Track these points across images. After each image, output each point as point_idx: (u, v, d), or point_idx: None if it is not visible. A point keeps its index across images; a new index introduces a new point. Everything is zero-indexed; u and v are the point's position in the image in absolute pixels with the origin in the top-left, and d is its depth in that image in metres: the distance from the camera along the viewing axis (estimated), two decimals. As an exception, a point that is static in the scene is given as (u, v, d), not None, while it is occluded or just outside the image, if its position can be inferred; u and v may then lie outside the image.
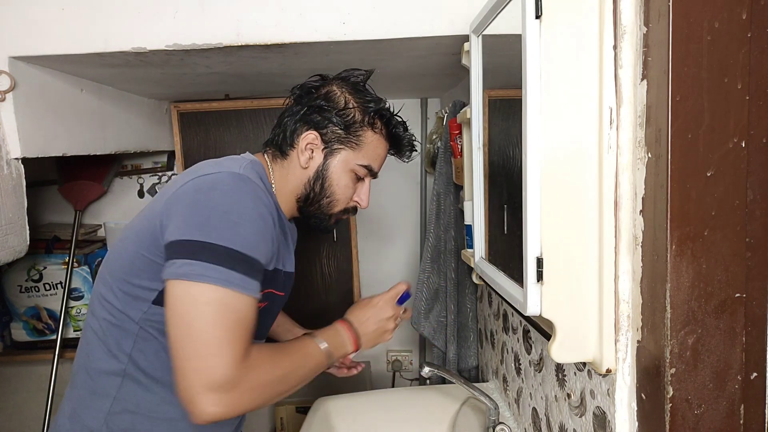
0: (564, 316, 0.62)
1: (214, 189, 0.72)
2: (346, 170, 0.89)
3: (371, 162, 0.90)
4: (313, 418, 1.20)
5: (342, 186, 0.89)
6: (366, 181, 0.92)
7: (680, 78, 0.50)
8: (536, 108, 0.59)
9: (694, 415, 0.53)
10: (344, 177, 0.89)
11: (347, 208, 0.93)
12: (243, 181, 0.75)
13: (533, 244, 0.61)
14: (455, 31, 1.01)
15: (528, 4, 0.58)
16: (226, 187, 0.73)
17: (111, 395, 0.78)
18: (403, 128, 0.94)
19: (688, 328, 0.52)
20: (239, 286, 0.68)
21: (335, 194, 0.89)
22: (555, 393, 0.83)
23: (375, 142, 0.90)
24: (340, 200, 0.90)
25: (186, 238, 0.68)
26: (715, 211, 0.52)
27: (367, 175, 0.91)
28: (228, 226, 0.69)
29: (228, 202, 0.71)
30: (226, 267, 0.67)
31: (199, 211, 0.70)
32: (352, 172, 0.89)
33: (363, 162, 0.89)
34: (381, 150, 0.92)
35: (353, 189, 0.91)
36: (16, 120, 1.02)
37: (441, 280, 1.46)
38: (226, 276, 0.67)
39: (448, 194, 1.41)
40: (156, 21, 1.01)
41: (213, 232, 0.68)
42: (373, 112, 0.89)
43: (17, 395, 1.89)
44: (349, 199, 0.91)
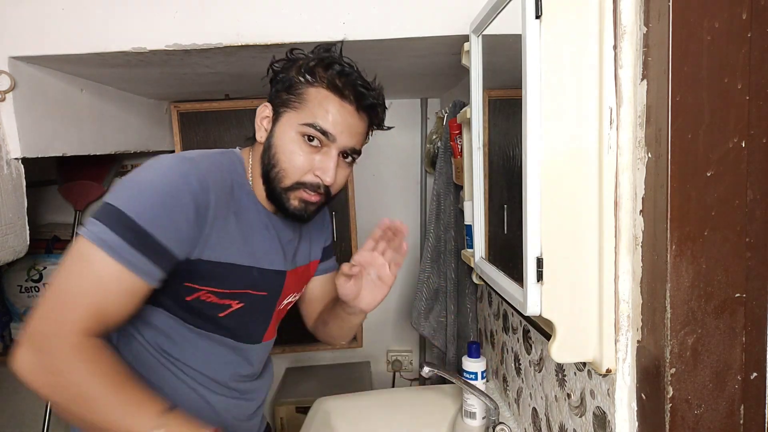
0: (564, 316, 0.62)
1: (148, 166, 0.71)
2: (290, 134, 0.77)
3: (317, 119, 0.75)
4: (313, 418, 1.20)
5: (287, 152, 0.77)
6: (328, 152, 0.77)
7: (680, 78, 0.50)
8: (536, 108, 0.59)
9: (694, 415, 0.53)
10: (289, 142, 0.77)
11: (305, 183, 0.78)
12: (179, 160, 0.72)
13: (533, 244, 0.61)
14: (455, 31, 1.01)
15: (528, 4, 0.58)
16: (157, 164, 0.71)
17: None
18: (344, 67, 0.79)
19: (688, 328, 0.52)
20: (115, 252, 0.64)
21: (281, 162, 0.77)
22: (555, 393, 0.83)
23: (318, 95, 0.77)
24: (287, 170, 0.77)
25: (103, 200, 0.69)
26: (715, 211, 0.52)
27: (321, 139, 0.76)
28: (131, 193, 0.67)
29: (147, 174, 0.70)
30: (108, 227, 0.65)
31: (122, 181, 0.70)
32: (299, 136, 0.76)
33: (307, 120, 0.76)
34: (328, 104, 0.76)
35: (304, 157, 0.77)
36: (16, 120, 1.02)
37: (441, 280, 1.46)
38: (106, 236, 0.64)
39: (448, 194, 1.41)
40: (156, 21, 1.01)
41: (116, 195, 0.67)
42: (313, 62, 0.78)
43: (17, 395, 1.89)
44: (304, 171, 0.77)
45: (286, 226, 0.88)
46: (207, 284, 0.76)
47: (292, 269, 0.90)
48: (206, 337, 0.80)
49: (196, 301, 0.76)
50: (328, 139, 0.76)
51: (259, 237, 0.82)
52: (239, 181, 0.80)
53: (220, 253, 0.75)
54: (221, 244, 0.75)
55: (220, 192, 0.75)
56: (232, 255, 0.77)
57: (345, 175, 0.83)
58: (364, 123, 0.81)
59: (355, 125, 0.79)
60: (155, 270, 0.68)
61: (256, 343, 0.88)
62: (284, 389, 1.92)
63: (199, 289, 0.75)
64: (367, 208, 1.99)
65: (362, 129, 0.81)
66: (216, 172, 0.76)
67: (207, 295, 0.77)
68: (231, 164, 0.81)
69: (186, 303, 0.76)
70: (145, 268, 0.67)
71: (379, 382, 2.11)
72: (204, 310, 0.78)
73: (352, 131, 0.78)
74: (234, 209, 0.78)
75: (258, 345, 0.89)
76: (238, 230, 0.78)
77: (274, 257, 0.84)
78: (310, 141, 0.76)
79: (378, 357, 2.12)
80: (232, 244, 0.77)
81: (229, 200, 0.77)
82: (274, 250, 0.85)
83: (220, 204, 0.74)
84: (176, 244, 0.69)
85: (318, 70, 0.78)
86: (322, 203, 0.82)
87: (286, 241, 0.88)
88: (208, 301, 0.77)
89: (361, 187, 1.98)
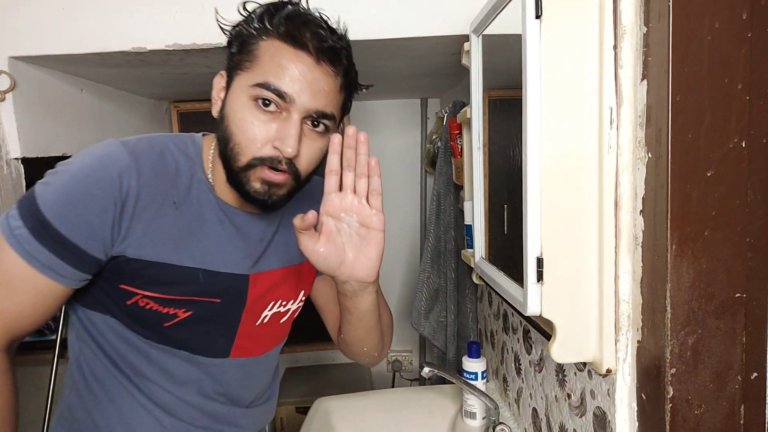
0: (564, 316, 0.62)
1: (81, 152, 0.65)
2: (241, 99, 0.64)
3: (269, 77, 0.62)
4: (313, 418, 1.20)
5: (239, 122, 0.64)
6: (288, 117, 0.64)
7: (680, 78, 0.50)
8: (536, 108, 0.59)
9: (695, 415, 0.53)
10: (241, 109, 0.64)
11: (263, 158, 0.64)
12: (107, 144, 0.64)
13: (533, 244, 0.61)
14: (455, 30, 1.01)
15: (528, 3, 0.58)
16: (86, 150, 0.64)
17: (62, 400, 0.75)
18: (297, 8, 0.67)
19: (689, 328, 0.52)
20: (22, 247, 0.59)
21: (234, 136, 0.64)
22: (555, 393, 0.83)
23: (270, 49, 0.64)
24: (241, 143, 0.64)
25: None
26: (716, 211, 0.52)
27: (277, 102, 0.63)
28: (49, 180, 0.61)
29: (72, 160, 0.63)
30: (23, 221, 0.60)
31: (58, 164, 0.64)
32: (252, 101, 0.64)
33: (257, 80, 0.63)
34: (281, 57, 0.63)
35: (259, 126, 0.63)
36: (16, 120, 1.02)
37: (441, 280, 1.46)
38: (17, 230, 0.59)
39: (448, 194, 1.41)
40: (156, 21, 1.01)
41: (42, 180, 0.62)
42: (262, 13, 0.66)
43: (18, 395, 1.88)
44: (261, 143, 0.64)
45: (255, 220, 0.74)
46: (142, 287, 0.66)
47: (262, 272, 0.76)
48: (159, 348, 0.70)
49: (135, 306, 0.67)
50: (286, 101, 0.63)
51: (211, 233, 0.70)
52: (189, 168, 0.69)
53: (150, 251, 0.65)
54: (150, 239, 0.65)
55: (154, 178, 0.65)
56: (166, 253, 0.66)
57: (318, 148, 0.67)
58: (331, 78, 0.65)
59: (319, 81, 0.64)
60: (67, 269, 0.61)
61: (221, 357, 0.74)
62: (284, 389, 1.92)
63: (135, 292, 0.66)
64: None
65: (330, 85, 0.65)
66: (154, 156, 0.66)
67: (145, 301, 0.67)
68: (181, 148, 0.70)
69: (128, 308, 0.67)
70: (55, 267, 0.60)
71: (378, 382, 2.11)
72: (147, 318, 0.68)
73: (315, 89, 0.64)
74: (176, 199, 0.67)
75: (225, 360, 0.75)
76: (179, 224, 0.67)
77: (229, 258, 0.71)
78: (265, 106, 0.63)
79: (378, 357, 2.12)
80: (166, 240, 0.66)
81: (168, 189, 0.66)
82: (230, 250, 0.72)
83: (150, 192, 0.64)
84: (87, 240, 0.61)
85: (267, 18, 0.65)
86: (292, 186, 0.67)
87: (255, 240, 0.75)
88: (148, 308, 0.67)
89: (361, 187, 1.98)
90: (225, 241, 0.71)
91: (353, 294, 0.70)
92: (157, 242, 0.65)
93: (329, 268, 0.66)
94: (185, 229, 0.67)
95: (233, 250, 0.72)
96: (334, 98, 0.67)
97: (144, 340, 0.69)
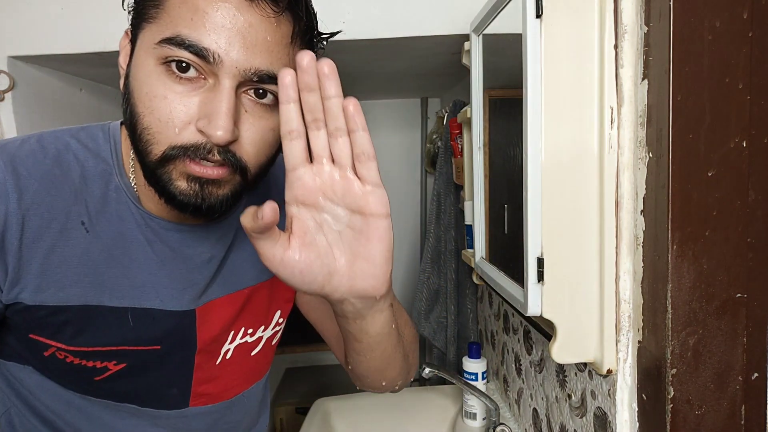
0: (565, 316, 0.62)
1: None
2: (147, 64, 0.45)
3: (181, 28, 0.42)
4: (313, 418, 1.20)
5: (144, 96, 0.44)
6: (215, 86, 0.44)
7: (681, 77, 0.50)
8: (537, 108, 0.59)
9: (695, 415, 0.53)
10: (147, 79, 0.44)
11: (184, 146, 0.44)
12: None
13: (534, 244, 0.61)
14: (455, 30, 1.01)
15: (528, 3, 0.58)
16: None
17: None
18: None
19: (690, 328, 0.52)
20: None
21: (141, 117, 0.45)
22: (556, 394, 0.83)
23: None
24: (151, 127, 0.45)
25: None
26: (717, 211, 0.52)
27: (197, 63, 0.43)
28: None
29: None
30: None
31: None
32: (161, 65, 0.44)
33: (166, 33, 0.43)
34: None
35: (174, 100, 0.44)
36: (15, 120, 1.02)
37: (441, 281, 1.46)
38: None
39: (448, 194, 1.41)
40: (155, 21, 1.01)
41: None
42: None
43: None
44: (179, 125, 0.44)
45: (197, 237, 0.56)
46: (54, 338, 0.51)
47: (217, 299, 0.58)
48: (99, 403, 0.55)
49: (53, 359, 0.52)
50: (209, 61, 0.43)
51: (138, 260, 0.52)
52: (102, 171, 0.51)
53: (54, 294, 0.49)
54: (53, 278, 0.48)
55: (47, 195, 0.48)
56: (78, 293, 0.50)
57: (267, 127, 0.47)
58: (273, 22, 0.45)
59: (255, 27, 0.44)
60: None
61: (178, 408, 0.59)
62: (284, 390, 1.92)
63: (48, 344, 0.51)
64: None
65: (275, 33, 0.45)
66: (45, 162, 0.49)
67: (63, 354, 0.51)
68: (88, 146, 0.53)
69: (47, 361, 0.52)
70: None
71: (379, 383, 2.10)
72: (72, 372, 0.53)
73: (251, 39, 0.43)
74: (84, 218, 0.50)
75: (185, 410, 0.59)
76: (92, 252, 0.50)
77: (164, 291, 0.54)
78: (181, 72, 0.44)
79: (378, 357, 2.12)
80: (77, 275, 0.50)
81: (71, 206, 0.49)
82: (165, 280, 0.54)
83: (41, 215, 0.47)
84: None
85: None
86: (238, 184, 0.48)
87: (199, 262, 0.56)
88: (68, 361, 0.52)
89: (361, 187, 1.98)
90: (157, 269, 0.53)
91: (357, 316, 0.46)
92: (62, 280, 0.49)
93: (313, 283, 0.42)
94: (102, 257, 0.50)
95: (169, 280, 0.54)
96: (282, 52, 0.46)
97: (78, 395, 0.55)
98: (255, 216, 0.36)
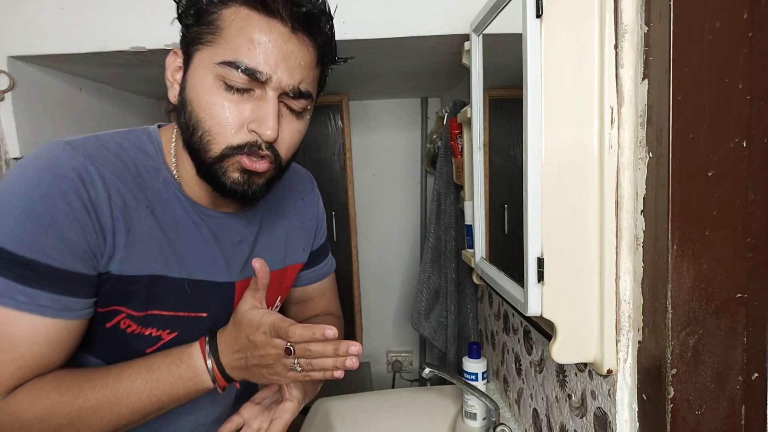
0: (565, 316, 0.62)
1: (17, 164, 0.56)
2: (206, 79, 0.56)
3: (240, 55, 0.54)
4: (313, 418, 1.20)
5: (206, 104, 0.55)
6: (263, 96, 0.57)
7: (681, 77, 0.50)
8: (537, 107, 0.59)
9: (695, 415, 0.53)
10: (207, 91, 0.56)
11: (239, 145, 0.57)
12: (49, 149, 0.55)
13: (534, 244, 0.61)
14: (455, 30, 1.01)
15: (529, 3, 0.58)
16: (26, 160, 0.55)
17: None
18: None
19: (689, 328, 0.52)
20: (2, 297, 0.51)
21: (203, 122, 0.56)
22: (556, 394, 0.83)
23: (236, 19, 0.55)
24: (212, 130, 0.56)
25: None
26: (717, 211, 0.52)
27: (251, 82, 0.55)
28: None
29: (12, 178, 0.53)
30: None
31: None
32: (218, 81, 0.55)
33: (225, 58, 0.54)
34: (251, 29, 0.54)
35: (230, 108, 0.56)
36: (15, 120, 1.02)
37: (441, 281, 1.46)
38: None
39: (448, 194, 1.41)
40: (155, 21, 1.01)
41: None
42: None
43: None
44: (235, 128, 0.56)
45: (231, 223, 0.67)
46: (125, 305, 0.59)
47: (249, 278, 0.67)
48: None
49: (115, 330, 0.60)
50: (260, 80, 0.55)
51: (188, 239, 0.63)
52: (151, 167, 0.62)
53: (135, 264, 0.58)
54: (134, 251, 0.57)
55: (118, 182, 0.57)
56: (154, 264, 0.59)
57: (296, 130, 0.61)
58: (307, 49, 0.58)
59: (296, 53, 0.56)
60: (68, 300, 0.53)
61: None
62: (284, 389, 1.92)
63: (119, 310, 0.59)
64: (367, 208, 1.99)
65: (307, 59, 0.58)
66: (108, 155, 0.58)
67: (127, 323, 0.60)
68: (136, 145, 0.62)
69: (106, 334, 0.60)
70: (54, 305, 0.53)
71: (379, 383, 2.11)
72: (128, 344, 0.61)
73: (291, 63, 0.56)
74: (147, 203, 0.60)
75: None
76: (157, 231, 0.60)
77: (209, 265, 0.64)
78: (236, 86, 0.56)
79: (378, 358, 2.12)
80: (152, 249, 0.59)
81: (137, 192, 0.59)
82: (209, 256, 0.65)
83: (121, 197, 0.57)
84: (74, 259, 0.53)
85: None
86: (273, 175, 0.61)
87: (232, 244, 0.68)
88: (129, 331, 0.60)
89: (361, 187, 1.98)
90: (204, 247, 0.64)
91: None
92: (138, 254, 0.58)
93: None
94: (162, 236, 0.60)
95: (211, 256, 0.65)
96: (310, 74, 0.59)
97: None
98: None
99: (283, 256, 0.76)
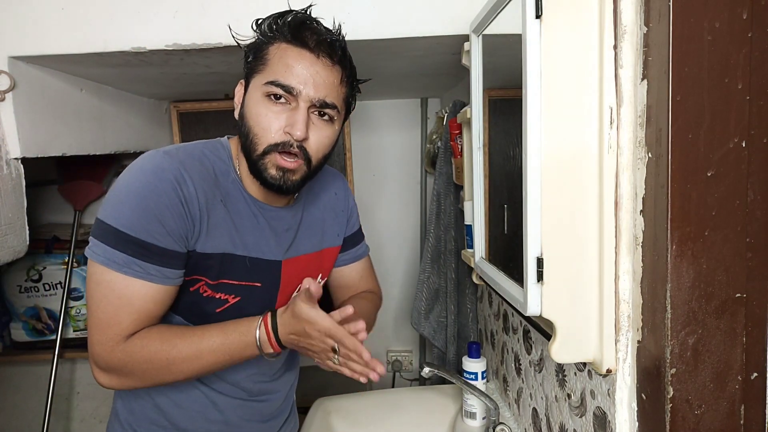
0: (564, 316, 0.62)
1: (128, 168, 0.72)
2: (256, 96, 0.75)
3: (277, 76, 0.73)
4: (313, 418, 1.20)
5: (255, 116, 0.74)
6: (296, 107, 0.74)
7: (681, 78, 0.50)
8: (536, 108, 0.59)
9: (695, 415, 0.53)
10: (256, 105, 0.75)
11: (276, 143, 0.74)
12: (151, 157, 0.73)
13: (533, 244, 0.61)
14: (455, 30, 1.01)
15: (528, 3, 0.58)
16: (136, 165, 0.72)
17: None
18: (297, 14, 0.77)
19: (689, 328, 0.52)
20: (124, 267, 0.69)
21: (252, 128, 0.75)
22: (555, 393, 0.83)
23: (278, 51, 0.75)
24: (257, 134, 0.74)
25: (96, 217, 0.72)
26: (716, 211, 0.52)
27: (285, 96, 0.73)
28: (115, 205, 0.70)
29: (124, 180, 0.71)
30: (111, 246, 0.69)
31: (108, 193, 0.72)
32: (265, 97, 0.74)
33: (268, 78, 0.73)
34: (287, 57, 0.74)
35: (271, 116, 0.74)
36: (16, 120, 1.02)
37: (441, 281, 1.46)
38: (111, 256, 0.69)
39: (448, 194, 1.41)
40: (156, 21, 1.01)
41: (105, 210, 0.70)
42: (270, 19, 0.77)
43: (17, 395, 1.88)
44: (274, 131, 0.74)
45: (280, 214, 0.86)
46: (205, 275, 0.77)
47: (291, 258, 0.87)
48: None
49: (195, 294, 0.78)
50: (293, 93, 0.73)
51: (249, 226, 0.81)
52: (223, 169, 0.80)
53: (213, 244, 0.76)
54: (212, 234, 0.76)
55: (202, 181, 0.75)
56: (225, 244, 0.77)
57: (326, 135, 0.78)
58: (330, 70, 0.75)
59: (320, 73, 0.74)
60: (168, 271, 0.72)
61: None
62: (284, 389, 1.92)
63: (199, 279, 0.77)
64: (367, 208, 1.99)
65: (331, 78, 0.75)
66: (194, 162, 0.76)
67: (204, 288, 0.78)
68: (214, 152, 0.80)
69: (188, 296, 0.77)
70: (159, 274, 0.71)
71: (379, 383, 2.10)
72: (201, 305, 0.78)
73: (317, 81, 0.74)
74: (220, 197, 0.77)
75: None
76: (227, 220, 0.78)
77: (264, 246, 0.83)
78: (276, 99, 0.74)
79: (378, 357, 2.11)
80: (224, 233, 0.77)
81: (214, 189, 0.77)
82: (264, 239, 0.83)
83: (204, 194, 0.74)
84: (172, 241, 0.71)
85: (274, 25, 0.76)
86: (305, 172, 0.78)
87: (282, 230, 0.86)
88: (206, 295, 0.78)
89: (361, 187, 1.98)
90: (260, 233, 0.82)
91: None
92: (214, 237, 0.76)
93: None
94: (231, 223, 0.78)
95: (267, 240, 0.83)
96: (335, 89, 0.76)
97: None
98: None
99: (320, 240, 0.94)
